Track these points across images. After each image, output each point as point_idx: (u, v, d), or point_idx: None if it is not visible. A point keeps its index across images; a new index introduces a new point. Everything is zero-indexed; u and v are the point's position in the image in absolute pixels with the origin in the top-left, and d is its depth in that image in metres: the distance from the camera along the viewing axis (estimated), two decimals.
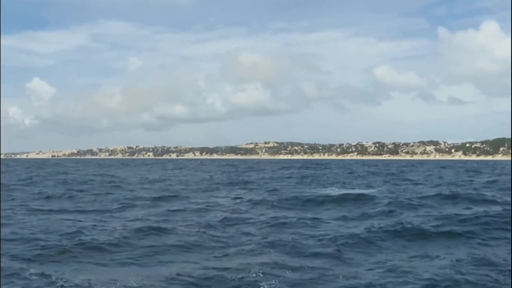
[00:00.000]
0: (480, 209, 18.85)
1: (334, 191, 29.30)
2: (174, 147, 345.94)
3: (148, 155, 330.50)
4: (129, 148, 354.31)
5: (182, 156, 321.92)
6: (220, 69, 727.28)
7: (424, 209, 19.95)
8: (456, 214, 17.38)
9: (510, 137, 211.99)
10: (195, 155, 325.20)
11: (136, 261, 11.50)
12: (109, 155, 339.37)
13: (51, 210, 20.84)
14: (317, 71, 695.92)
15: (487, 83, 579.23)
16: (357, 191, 29.25)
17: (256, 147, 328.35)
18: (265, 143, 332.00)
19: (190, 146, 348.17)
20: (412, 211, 19.56)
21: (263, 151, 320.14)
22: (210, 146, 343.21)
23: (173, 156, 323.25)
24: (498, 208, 19.02)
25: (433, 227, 14.84)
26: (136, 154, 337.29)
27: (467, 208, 19.72)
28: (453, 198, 23.64)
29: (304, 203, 22.75)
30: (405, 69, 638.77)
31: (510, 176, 43.74)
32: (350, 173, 59.09)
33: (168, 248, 13.02)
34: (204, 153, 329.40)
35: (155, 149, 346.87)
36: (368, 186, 34.55)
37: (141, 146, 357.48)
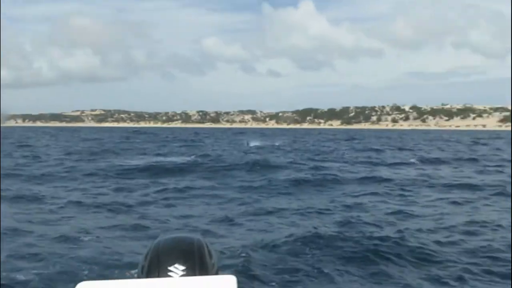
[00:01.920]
0: None
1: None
2: None
3: None
4: None
5: (4, 124, 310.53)
6: (49, 32, 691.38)
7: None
8: None
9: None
10: (17, 122, 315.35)
11: None
12: None
13: None
14: (148, 39, 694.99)
15: (301, 58, 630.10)
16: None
17: (83, 114, 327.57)
18: (92, 110, 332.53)
19: (11, 113, 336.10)
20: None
21: (90, 118, 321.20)
22: (34, 113, 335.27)
23: None
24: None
25: None
26: None
27: None
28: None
29: None
30: (231, 41, 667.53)
31: None
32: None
33: None
34: (27, 120, 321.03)
35: None
36: None
37: None
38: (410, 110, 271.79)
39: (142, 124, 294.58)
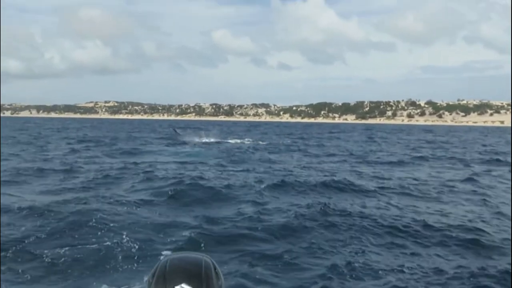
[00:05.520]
0: None
1: None
2: (8, 105, 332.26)
3: None
4: None
5: (17, 114, 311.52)
6: (59, 23, 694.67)
7: None
8: None
9: None
10: (31, 113, 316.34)
11: None
12: None
13: None
14: (157, 31, 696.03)
15: (311, 51, 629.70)
16: None
17: (96, 106, 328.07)
18: (105, 102, 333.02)
19: (26, 104, 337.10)
20: None
21: (103, 110, 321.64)
22: (48, 104, 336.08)
23: (7, 114, 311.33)
24: None
25: None
26: None
27: None
28: None
29: None
30: (241, 34, 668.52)
31: None
32: None
33: None
34: (41, 111, 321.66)
35: None
36: None
37: None
38: (426, 106, 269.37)
39: (156, 117, 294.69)
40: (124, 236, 10.06)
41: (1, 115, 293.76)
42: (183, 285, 1.87)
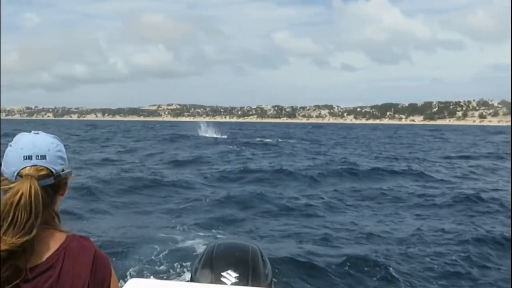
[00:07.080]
0: None
1: None
2: (75, 108, 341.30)
3: (48, 116, 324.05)
4: (28, 108, 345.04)
5: (84, 117, 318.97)
6: (122, 29, 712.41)
7: None
8: None
9: None
10: (97, 116, 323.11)
11: None
12: (6, 115, 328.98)
13: None
14: (218, 34, 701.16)
15: (375, 50, 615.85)
16: None
17: (159, 109, 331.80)
18: (168, 105, 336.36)
19: (91, 107, 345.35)
20: None
21: (166, 113, 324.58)
22: (113, 108, 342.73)
23: (74, 117, 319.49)
24: None
25: None
26: (35, 115, 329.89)
27: None
28: None
29: None
30: (302, 35, 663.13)
31: None
32: None
33: None
34: (106, 114, 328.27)
35: (55, 110, 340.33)
36: None
37: (40, 107, 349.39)
38: (499, 105, 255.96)
39: (218, 119, 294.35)
40: (188, 211, 11.67)
41: (69, 118, 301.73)
42: (229, 271, 1.78)
